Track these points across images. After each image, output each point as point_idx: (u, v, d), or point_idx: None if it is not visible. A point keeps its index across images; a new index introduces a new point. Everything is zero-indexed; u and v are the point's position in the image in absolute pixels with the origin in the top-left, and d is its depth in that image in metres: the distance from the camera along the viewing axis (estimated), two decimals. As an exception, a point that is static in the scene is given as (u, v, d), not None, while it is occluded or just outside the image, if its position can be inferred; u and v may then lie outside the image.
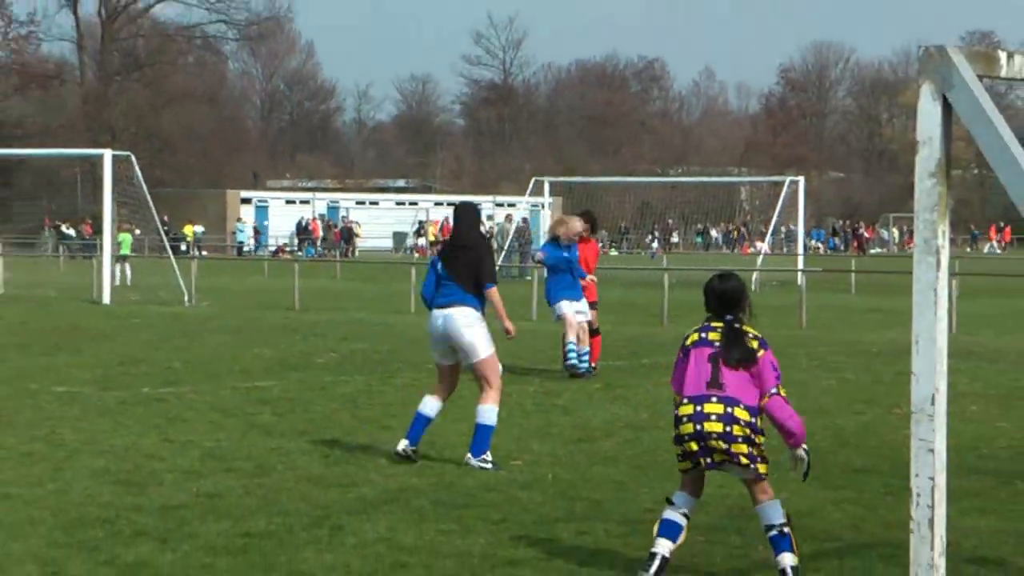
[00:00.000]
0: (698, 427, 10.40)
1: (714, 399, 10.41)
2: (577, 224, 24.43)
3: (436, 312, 15.71)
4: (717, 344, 10.60)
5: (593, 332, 24.03)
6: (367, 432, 17.88)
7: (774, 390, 10.59)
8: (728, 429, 10.36)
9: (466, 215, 16.55)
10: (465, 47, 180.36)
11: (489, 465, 15.15)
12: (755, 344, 10.64)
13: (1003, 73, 7.87)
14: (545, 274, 25.09)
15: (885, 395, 21.73)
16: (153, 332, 33.31)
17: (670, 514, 10.65)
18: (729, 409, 10.39)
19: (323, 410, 19.91)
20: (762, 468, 10.52)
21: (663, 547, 10.57)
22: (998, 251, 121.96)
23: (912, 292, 7.57)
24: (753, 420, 10.46)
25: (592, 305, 24.05)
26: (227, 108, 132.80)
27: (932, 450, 7.67)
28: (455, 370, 15.77)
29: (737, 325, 10.70)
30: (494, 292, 16.13)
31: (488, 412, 15.43)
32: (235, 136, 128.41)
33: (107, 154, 49.70)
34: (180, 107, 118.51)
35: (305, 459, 15.90)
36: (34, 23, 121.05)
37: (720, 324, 10.70)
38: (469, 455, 15.25)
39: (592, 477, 14.79)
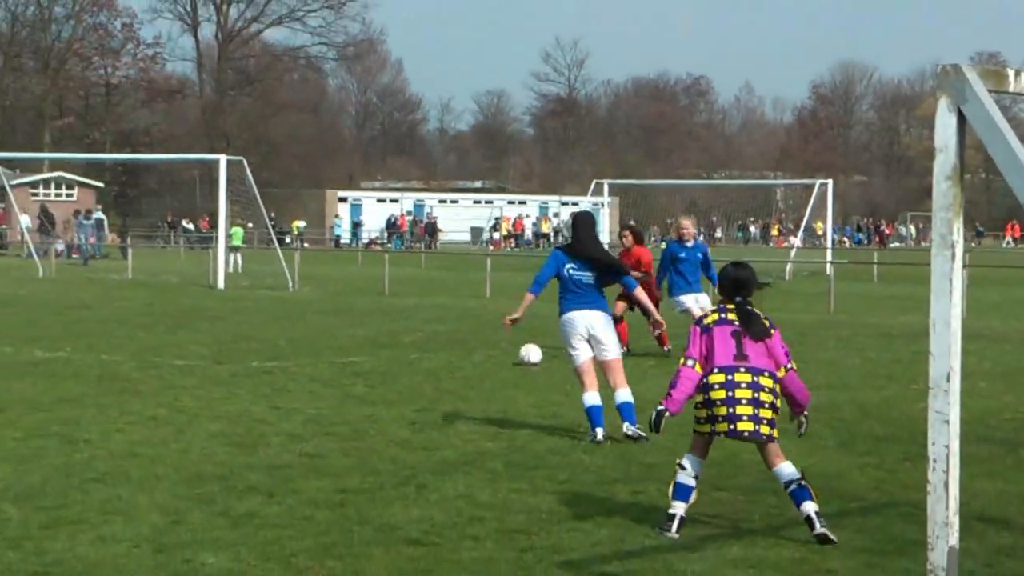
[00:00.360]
0: (729, 393, 10.44)
1: (742, 369, 10.49)
2: (684, 221, 24.12)
3: (576, 315, 15.20)
4: (736, 323, 10.70)
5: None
6: (448, 402, 17.88)
7: (790, 365, 10.73)
8: (756, 395, 10.44)
9: (586, 225, 15.92)
10: (535, 65, 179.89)
11: (643, 432, 14.80)
12: (766, 323, 10.78)
13: (1011, 88, 7.81)
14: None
15: (903, 372, 21.61)
16: (261, 314, 33.45)
17: (683, 478, 10.72)
18: (756, 378, 10.49)
19: (409, 383, 19.94)
20: (775, 433, 10.58)
21: (679, 508, 10.66)
22: (1003, 246, 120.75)
23: (929, 281, 7.52)
24: (775, 387, 10.56)
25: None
26: (326, 118, 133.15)
27: (947, 421, 7.62)
28: (593, 361, 15.40)
29: (748, 306, 10.80)
30: (639, 292, 16.58)
31: (628, 392, 15.18)
32: (333, 143, 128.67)
33: (222, 158, 49.96)
34: (286, 117, 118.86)
35: (394, 425, 15.92)
36: (159, 45, 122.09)
37: (734, 305, 10.80)
38: (627, 424, 14.95)
39: (645, 443, 14.75)
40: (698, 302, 23.33)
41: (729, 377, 10.48)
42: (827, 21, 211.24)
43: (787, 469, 10.59)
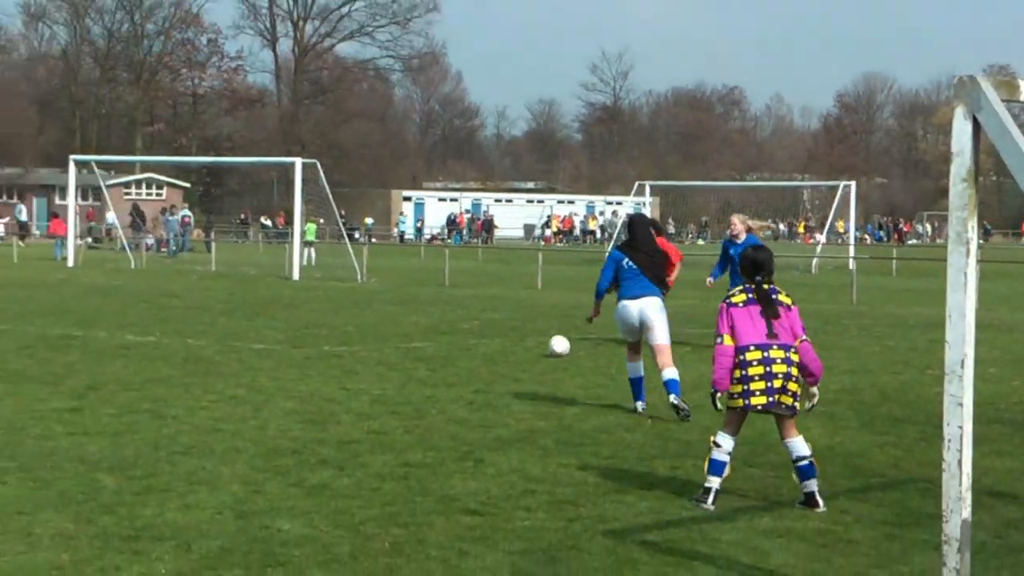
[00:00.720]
0: (767, 369, 10.42)
1: (775, 346, 10.45)
2: (733, 219, 22.90)
3: (630, 303, 15.21)
4: (759, 301, 10.66)
5: None
6: (503, 384, 17.88)
7: (804, 336, 10.67)
8: (789, 370, 10.44)
9: (643, 224, 16.02)
10: (583, 76, 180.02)
11: (686, 405, 14.91)
12: (789, 300, 10.74)
13: (1022, 98, 7.75)
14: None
15: (920, 359, 21.49)
16: (332, 302, 33.52)
17: (717, 455, 10.64)
18: (787, 354, 10.47)
19: (467, 366, 19.94)
20: (799, 406, 10.57)
21: (714, 482, 10.62)
22: (1022, 242, 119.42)
23: (945, 275, 7.47)
24: (798, 362, 10.52)
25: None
26: (392, 125, 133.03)
27: (961, 404, 7.58)
28: (640, 341, 15.46)
29: (765, 285, 10.71)
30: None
31: (674, 371, 15.08)
32: (398, 147, 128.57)
33: (298, 162, 50.15)
34: (355, 124, 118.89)
35: (453, 405, 15.93)
36: (241, 59, 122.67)
37: (755, 285, 10.74)
38: (673, 395, 14.94)
39: (682, 423, 14.72)
40: None
41: (765, 354, 10.43)
42: (851, 35, 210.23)
43: (800, 445, 10.61)
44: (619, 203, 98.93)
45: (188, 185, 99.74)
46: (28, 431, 13.59)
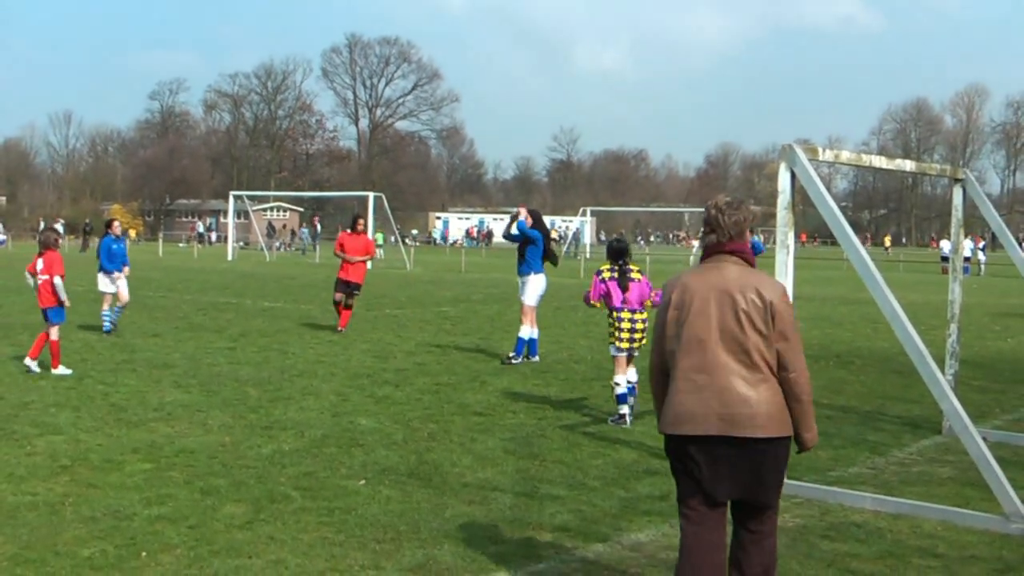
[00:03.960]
0: (631, 325, 9.95)
1: (626, 310, 9.99)
2: None
3: (543, 276, 14.25)
4: (619, 277, 10.08)
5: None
6: (498, 335, 17.84)
7: (652, 295, 10.04)
8: (633, 325, 9.94)
9: (538, 216, 14.86)
10: (549, 142, 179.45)
11: (520, 361, 13.94)
12: (638, 275, 10.12)
13: (820, 159, 7.77)
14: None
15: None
16: (391, 282, 33.42)
17: (619, 389, 10.04)
18: (633, 315, 9.99)
19: (476, 322, 19.89)
20: (637, 348, 10.05)
21: (623, 408, 10.03)
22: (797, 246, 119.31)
23: (775, 266, 7.47)
24: (645, 317, 10.04)
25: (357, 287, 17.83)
26: (429, 171, 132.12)
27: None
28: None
29: (626, 266, 10.10)
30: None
31: (529, 331, 14.28)
32: (433, 185, 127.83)
33: (371, 195, 49.95)
34: (407, 171, 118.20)
35: (467, 347, 15.89)
36: (336, 131, 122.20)
37: (618, 265, 10.15)
38: (535, 356, 14.17)
39: (610, 358, 14.66)
40: None
41: (619, 315, 9.99)
42: (714, 117, 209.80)
43: (632, 373, 10.06)
44: (571, 221, 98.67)
45: (302, 210, 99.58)
46: (203, 360, 13.56)
